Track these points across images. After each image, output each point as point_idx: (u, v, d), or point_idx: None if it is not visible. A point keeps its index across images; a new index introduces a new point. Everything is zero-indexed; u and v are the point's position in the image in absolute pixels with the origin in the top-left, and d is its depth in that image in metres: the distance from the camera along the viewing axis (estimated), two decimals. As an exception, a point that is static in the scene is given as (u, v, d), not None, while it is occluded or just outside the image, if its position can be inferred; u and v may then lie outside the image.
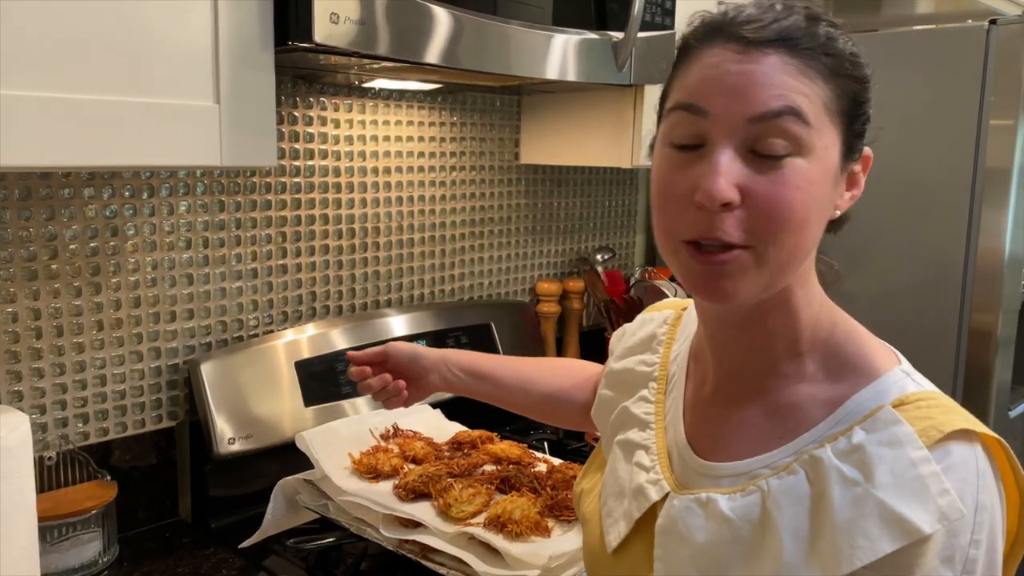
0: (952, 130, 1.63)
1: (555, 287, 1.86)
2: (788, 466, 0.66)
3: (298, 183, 1.42)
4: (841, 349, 0.70)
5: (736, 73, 0.63)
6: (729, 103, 0.63)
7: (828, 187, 0.65)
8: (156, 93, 0.90)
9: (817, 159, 0.63)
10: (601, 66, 1.35)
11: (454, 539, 1.05)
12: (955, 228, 1.64)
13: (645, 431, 0.79)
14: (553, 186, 1.89)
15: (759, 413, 0.71)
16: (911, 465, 0.61)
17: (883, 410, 0.64)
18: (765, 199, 0.62)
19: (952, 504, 0.60)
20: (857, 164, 0.69)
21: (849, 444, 0.64)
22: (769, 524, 0.65)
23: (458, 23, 1.12)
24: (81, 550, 1.12)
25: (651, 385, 0.82)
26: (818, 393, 0.69)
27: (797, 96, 0.62)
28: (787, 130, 0.62)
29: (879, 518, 0.61)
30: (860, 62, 0.67)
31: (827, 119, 0.64)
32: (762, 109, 0.62)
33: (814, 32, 0.64)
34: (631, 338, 0.90)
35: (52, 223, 1.15)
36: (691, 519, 0.70)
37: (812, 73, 0.63)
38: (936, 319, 1.67)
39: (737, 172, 0.62)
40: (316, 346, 1.39)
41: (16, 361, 1.15)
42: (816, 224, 0.65)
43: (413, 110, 1.58)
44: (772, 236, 0.63)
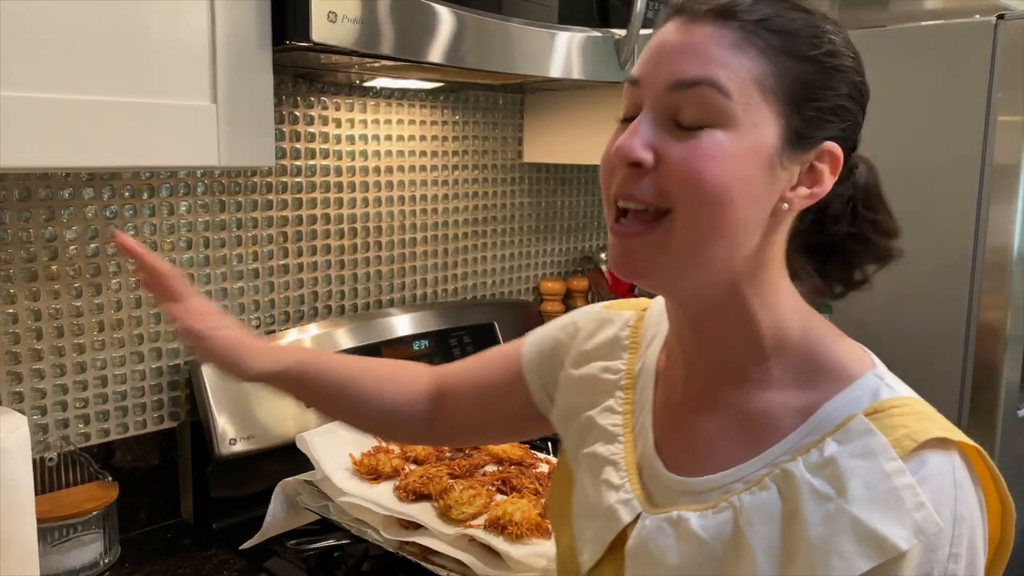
0: (959, 126, 1.62)
1: (559, 286, 1.85)
2: (760, 480, 0.64)
3: (299, 183, 1.42)
4: (812, 353, 0.67)
5: (672, 43, 0.63)
6: (654, 71, 0.63)
7: (756, 168, 0.62)
8: (153, 93, 0.90)
9: (741, 134, 0.61)
10: (604, 64, 1.34)
11: (454, 541, 1.04)
12: (963, 225, 1.62)
13: (613, 444, 0.76)
14: (556, 184, 1.88)
15: (730, 422, 0.69)
16: (884, 477, 0.59)
17: (855, 419, 0.62)
18: (676, 162, 0.61)
19: (928, 518, 0.58)
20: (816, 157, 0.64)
21: (821, 457, 0.62)
22: (742, 543, 0.63)
23: (460, 21, 1.11)
24: (82, 551, 1.11)
25: (617, 395, 0.78)
26: (790, 400, 0.66)
27: (719, 67, 0.61)
28: (703, 100, 0.61)
29: (853, 535, 0.58)
30: (824, 46, 0.63)
31: (758, 95, 0.61)
32: (678, 77, 0.62)
33: (760, 10, 0.62)
34: (588, 340, 0.84)
35: (52, 224, 1.15)
36: (662, 540, 0.67)
37: (745, 46, 0.61)
38: (944, 317, 1.65)
39: (653, 136, 0.62)
40: (318, 346, 1.38)
41: (16, 362, 1.14)
42: (742, 208, 0.62)
43: (415, 109, 1.57)
44: (684, 201, 0.62)
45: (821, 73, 0.63)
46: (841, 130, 0.65)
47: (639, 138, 0.62)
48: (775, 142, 0.62)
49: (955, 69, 1.62)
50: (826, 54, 0.63)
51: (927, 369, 1.64)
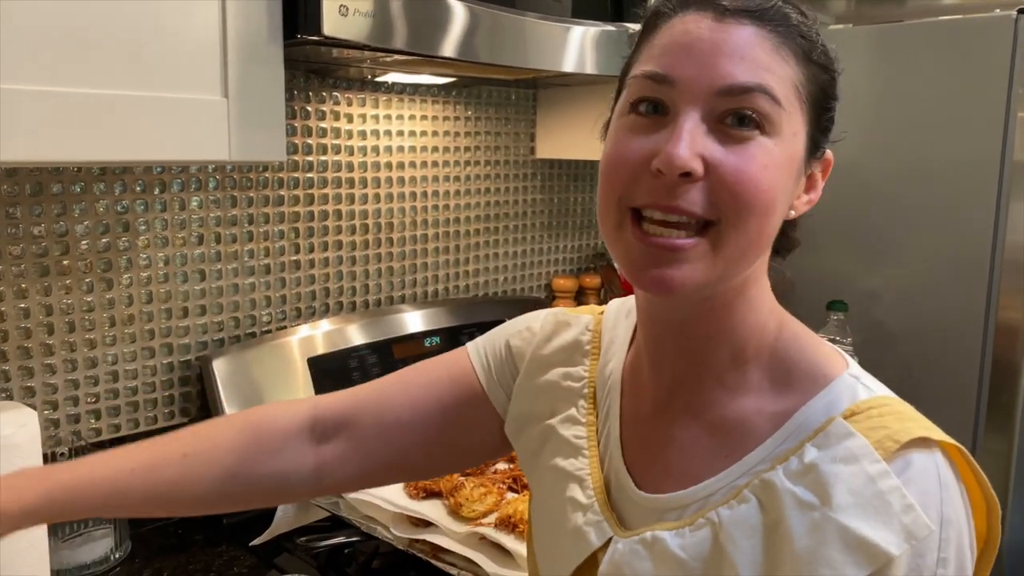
0: (978, 122, 1.59)
1: (571, 283, 1.84)
2: (738, 492, 0.61)
3: (311, 178, 1.41)
4: (787, 356, 0.65)
5: (708, 41, 0.58)
6: (698, 71, 0.58)
7: (791, 179, 0.61)
8: (164, 87, 0.89)
9: (784, 143, 0.59)
10: (618, 58, 1.30)
11: (465, 539, 1.04)
12: (981, 222, 1.60)
13: (578, 458, 0.72)
14: (569, 180, 1.87)
15: (702, 430, 0.66)
16: (869, 481, 0.57)
17: (834, 423, 0.60)
18: (732, 173, 0.57)
19: (918, 520, 0.56)
20: (818, 166, 0.64)
21: (801, 464, 0.59)
22: (724, 560, 0.60)
23: (473, 15, 1.10)
24: (93, 547, 1.11)
25: (580, 404, 0.74)
26: (765, 405, 0.64)
27: (768, 73, 0.58)
28: (756, 106, 0.57)
29: (841, 543, 0.56)
30: (831, 55, 0.63)
31: (797, 103, 0.60)
32: (731, 81, 0.57)
33: (789, 14, 0.60)
34: (546, 344, 0.78)
35: (63, 219, 1.15)
36: (637, 563, 0.64)
37: (786, 52, 0.59)
38: (962, 315, 1.63)
39: (702, 142, 0.57)
40: (329, 342, 1.38)
41: (28, 357, 1.14)
42: (778, 217, 0.61)
43: (427, 104, 1.56)
44: (736, 215, 0.57)
45: (831, 82, 0.63)
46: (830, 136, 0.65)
47: (688, 146, 0.57)
48: (803, 151, 0.61)
49: (974, 65, 1.60)
50: (833, 62, 0.63)
51: (944, 369, 1.62)
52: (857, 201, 1.64)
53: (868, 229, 1.66)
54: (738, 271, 0.61)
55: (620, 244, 0.61)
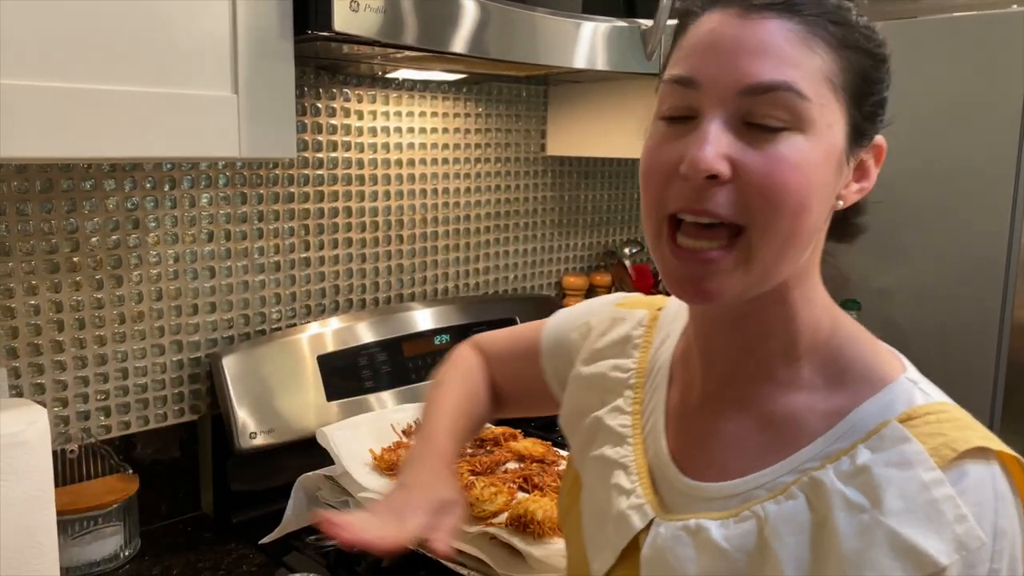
0: (994, 119, 1.58)
1: (582, 281, 1.83)
2: (786, 489, 0.61)
3: (321, 175, 1.41)
4: (842, 354, 0.64)
5: (731, 39, 0.58)
6: (720, 73, 0.58)
7: (830, 171, 0.59)
8: (173, 83, 0.89)
9: (818, 137, 0.58)
10: (629, 55, 1.31)
11: (475, 539, 1.03)
12: (997, 220, 1.58)
13: (622, 447, 0.73)
14: (580, 178, 1.86)
15: (751, 424, 0.65)
16: (923, 488, 0.56)
17: (889, 426, 0.59)
18: (759, 174, 0.57)
19: (971, 532, 0.55)
20: (867, 152, 0.63)
21: (853, 465, 0.59)
22: (768, 555, 0.60)
23: (484, 11, 1.09)
24: (102, 544, 1.11)
25: (627, 394, 0.75)
26: (817, 403, 0.63)
27: (794, 68, 0.57)
28: (781, 104, 0.57)
29: (889, 548, 0.55)
30: (875, 37, 0.61)
31: (830, 94, 0.58)
32: (753, 80, 0.57)
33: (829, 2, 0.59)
34: (601, 339, 0.81)
35: (73, 215, 1.15)
36: (680, 549, 0.64)
37: (816, 42, 0.58)
38: (977, 315, 1.62)
39: (728, 144, 0.57)
40: (339, 340, 1.37)
41: (38, 354, 1.14)
42: (816, 213, 0.59)
43: (437, 101, 1.56)
44: (764, 218, 0.57)
45: (875, 66, 0.61)
46: (882, 121, 0.63)
47: (712, 147, 0.57)
48: (843, 141, 0.60)
49: (990, 61, 1.58)
50: (877, 45, 0.61)
51: (959, 370, 1.60)
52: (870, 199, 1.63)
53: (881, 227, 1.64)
54: (778, 273, 0.61)
55: (658, 254, 0.63)
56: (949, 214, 1.63)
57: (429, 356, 1.48)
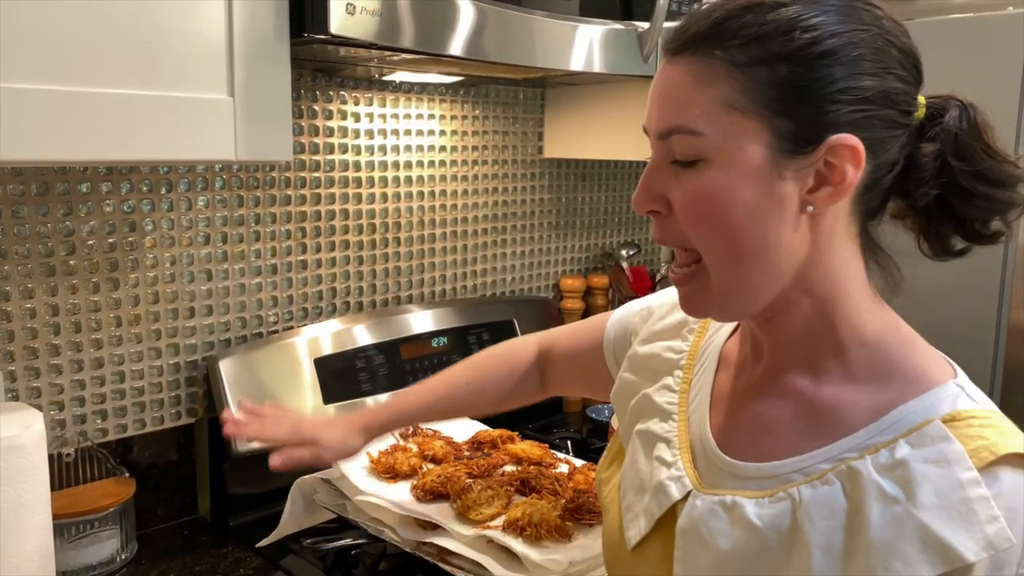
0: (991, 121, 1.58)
1: (579, 283, 1.83)
2: (823, 475, 0.63)
3: (318, 177, 1.40)
4: (891, 356, 0.65)
5: (655, 89, 0.66)
6: (649, 122, 0.66)
7: (753, 187, 0.60)
8: (170, 86, 0.89)
9: (729, 162, 0.61)
10: (626, 57, 1.31)
11: (472, 542, 1.03)
12: (993, 223, 1.59)
13: (667, 422, 0.76)
14: (577, 180, 1.86)
15: (794, 411, 0.67)
16: (958, 487, 0.57)
17: (932, 424, 0.60)
18: (682, 206, 0.64)
19: (1001, 533, 0.56)
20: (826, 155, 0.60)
21: (891, 458, 0.60)
22: (799, 537, 0.62)
23: (481, 14, 1.09)
24: (99, 547, 1.11)
25: (676, 374, 0.79)
26: (861, 398, 0.65)
27: (685, 110, 0.62)
28: (682, 144, 0.62)
29: (919, 541, 0.57)
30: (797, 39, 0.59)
31: (733, 119, 0.60)
32: (657, 128, 0.64)
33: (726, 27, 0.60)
34: (659, 322, 0.86)
35: (70, 218, 1.15)
36: (714, 523, 0.66)
37: (710, 75, 0.61)
38: (973, 318, 1.62)
39: (661, 183, 0.65)
40: (336, 343, 1.37)
41: (34, 357, 1.14)
42: (753, 227, 0.61)
43: (434, 103, 1.56)
44: (702, 241, 0.64)
45: (804, 68, 0.59)
46: (852, 114, 0.60)
47: (644, 190, 0.66)
48: (766, 157, 0.60)
49: (987, 63, 1.58)
50: (803, 46, 0.59)
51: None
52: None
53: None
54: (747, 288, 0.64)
55: None
56: (946, 216, 1.63)
57: (426, 358, 1.48)
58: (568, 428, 1.63)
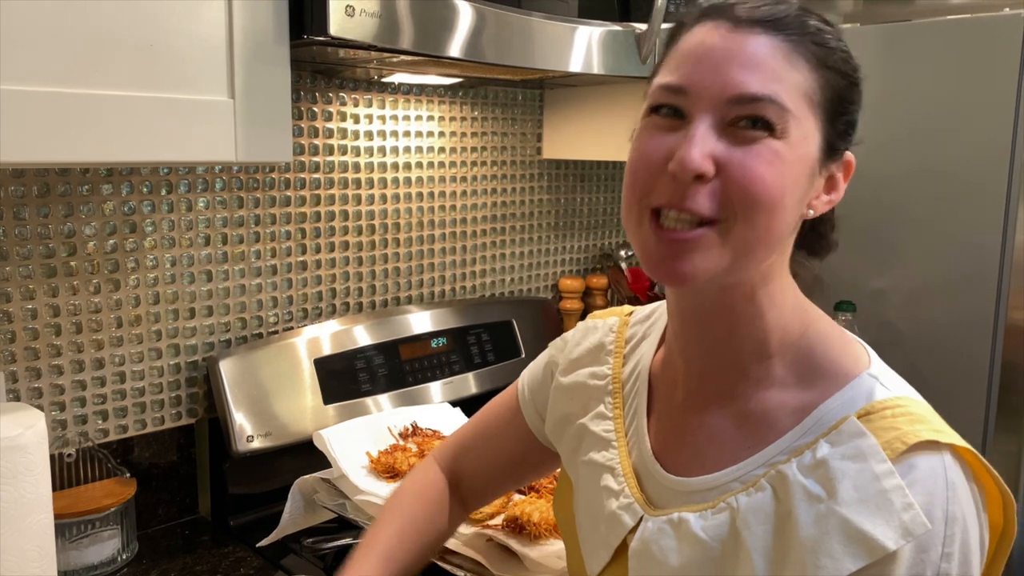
0: (988, 122, 1.58)
1: (578, 284, 1.83)
2: (756, 481, 0.65)
3: (317, 179, 1.41)
4: (812, 352, 0.68)
5: (721, 50, 0.62)
6: (710, 81, 0.62)
7: (803, 177, 0.64)
8: (170, 88, 0.89)
9: (792, 145, 0.62)
10: (625, 58, 1.32)
11: (471, 540, 1.03)
12: (990, 223, 1.59)
13: (608, 451, 0.77)
14: (576, 181, 1.86)
15: (729, 421, 0.69)
16: (874, 479, 0.60)
17: (847, 421, 0.63)
18: (739, 170, 0.61)
19: (916, 519, 0.58)
20: (837, 167, 0.67)
21: (814, 458, 0.62)
22: (739, 544, 0.64)
23: (480, 15, 1.10)
24: (100, 547, 1.12)
25: (607, 400, 0.79)
26: (788, 400, 0.67)
27: (777, 83, 0.61)
28: (764, 114, 0.61)
29: (842, 536, 0.59)
30: (852, 62, 0.66)
31: (807, 109, 0.63)
32: (740, 91, 0.61)
33: (805, 21, 0.64)
34: (575, 348, 0.86)
35: (71, 220, 1.15)
36: (664, 541, 0.68)
37: (797, 59, 0.62)
38: (970, 317, 1.62)
39: (713, 144, 0.61)
40: (336, 343, 1.38)
41: (35, 358, 1.15)
42: (789, 214, 0.64)
43: (434, 105, 1.56)
44: (744, 210, 0.61)
45: (850, 88, 0.66)
46: (852, 138, 0.68)
47: (700, 148, 0.61)
48: (817, 153, 0.64)
49: (983, 64, 1.59)
50: (854, 69, 0.66)
51: (954, 370, 1.61)
52: (865, 201, 1.63)
53: (876, 229, 1.66)
54: (748, 263, 0.64)
55: (638, 239, 0.66)
56: (943, 216, 1.64)
57: (426, 359, 1.49)
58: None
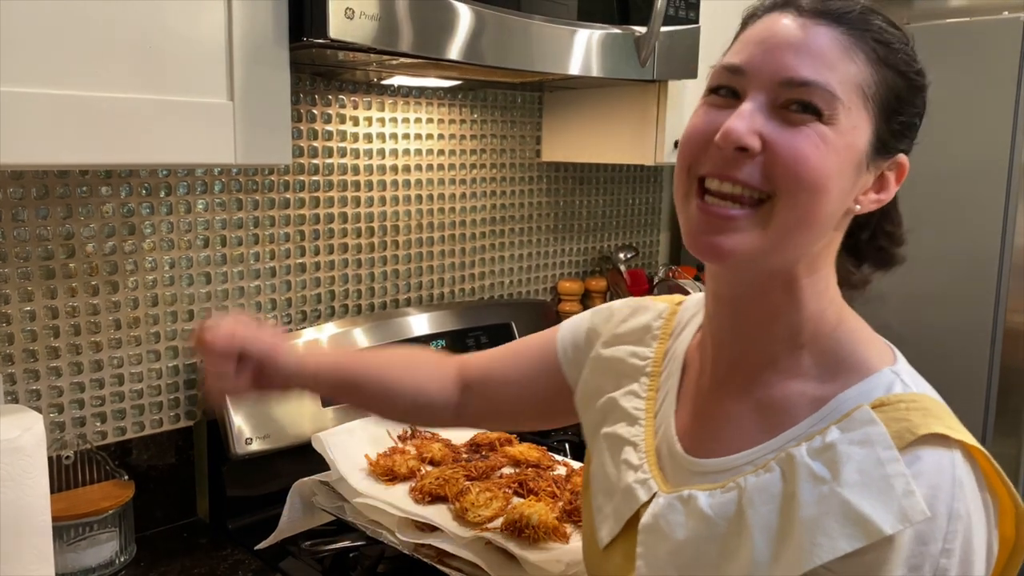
0: (987, 125, 1.59)
1: (577, 286, 1.83)
2: (766, 463, 0.66)
3: (317, 181, 1.41)
4: (840, 347, 0.69)
5: (781, 36, 0.64)
6: (765, 61, 0.64)
7: (849, 165, 0.65)
8: (169, 90, 0.89)
9: (841, 132, 0.63)
10: (624, 61, 1.32)
11: (470, 544, 1.03)
12: (989, 226, 1.59)
13: (634, 427, 0.79)
14: (575, 184, 1.86)
15: (751, 408, 0.71)
16: (878, 464, 0.61)
17: (860, 410, 0.64)
18: (785, 148, 0.63)
19: (915, 505, 0.59)
20: (889, 167, 0.68)
21: (823, 442, 0.64)
22: (743, 521, 0.65)
23: (479, 18, 1.10)
24: (98, 550, 1.11)
25: (643, 380, 0.81)
26: (808, 390, 0.68)
27: (831, 71, 0.63)
28: (815, 99, 0.63)
29: (841, 516, 0.60)
30: (915, 66, 0.67)
31: (860, 101, 0.64)
32: (791, 74, 0.63)
33: (870, 20, 0.65)
34: (621, 324, 0.87)
35: (69, 221, 1.15)
36: (672, 516, 0.70)
37: (856, 53, 0.64)
38: (970, 319, 1.62)
39: (761, 123, 0.63)
40: (335, 345, 1.37)
41: (34, 360, 1.14)
42: (834, 199, 0.65)
43: (433, 107, 1.56)
44: (787, 188, 0.63)
45: (910, 89, 0.67)
46: (911, 141, 0.69)
47: (746, 123, 0.63)
48: (866, 146, 0.65)
49: (982, 68, 1.59)
50: (917, 72, 0.67)
51: (953, 373, 1.61)
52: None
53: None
54: (788, 246, 0.65)
55: (684, 213, 0.68)
56: (943, 218, 1.64)
57: (425, 361, 1.48)
58: (566, 431, 1.63)
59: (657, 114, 1.53)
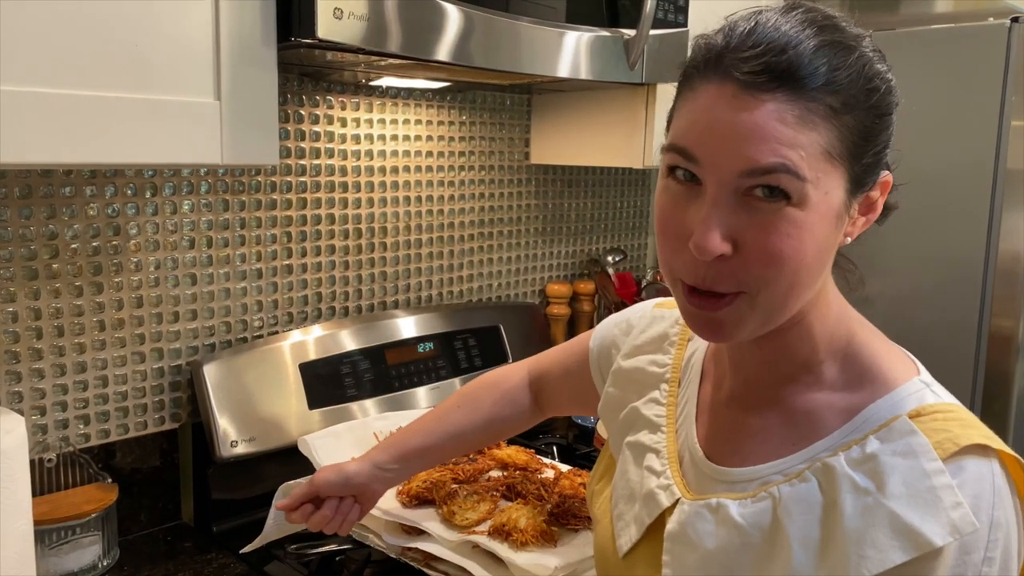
0: (972, 130, 1.60)
1: (565, 289, 1.83)
2: (800, 473, 0.66)
3: (304, 182, 1.40)
4: (859, 358, 0.69)
5: (727, 123, 0.59)
6: (719, 155, 0.60)
7: (827, 229, 0.63)
8: (155, 90, 0.88)
9: (813, 207, 0.60)
10: (613, 64, 1.32)
11: (458, 547, 1.03)
12: (975, 230, 1.60)
13: (656, 434, 0.79)
14: (564, 187, 1.86)
15: (775, 419, 0.71)
16: (924, 476, 0.61)
17: (899, 420, 0.64)
18: (757, 248, 0.60)
19: (965, 517, 0.59)
20: (873, 190, 0.66)
21: (863, 453, 0.63)
22: (779, 532, 0.65)
23: (468, 20, 1.09)
24: (80, 554, 1.10)
25: (663, 387, 0.82)
26: (835, 401, 0.68)
27: (791, 150, 0.58)
28: (781, 183, 0.59)
29: (889, 528, 0.60)
30: (874, 82, 0.61)
31: (827, 165, 0.60)
32: (752, 165, 0.59)
33: (816, 64, 0.59)
34: (640, 335, 0.88)
35: (53, 222, 1.14)
36: (701, 524, 0.69)
37: (811, 118, 0.59)
38: (955, 324, 1.63)
39: (728, 223, 0.60)
40: (322, 348, 1.37)
41: (16, 361, 1.13)
42: (815, 268, 0.63)
43: (421, 109, 1.56)
44: (764, 283, 0.62)
45: (877, 118, 0.63)
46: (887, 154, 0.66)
47: (716, 232, 0.60)
48: (842, 198, 0.63)
49: (968, 73, 1.60)
50: (881, 95, 0.62)
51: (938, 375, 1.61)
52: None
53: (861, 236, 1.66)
54: (783, 317, 0.65)
55: (676, 296, 0.68)
56: (928, 223, 1.65)
57: (412, 364, 1.48)
58: (554, 434, 1.63)
59: (646, 117, 1.53)
